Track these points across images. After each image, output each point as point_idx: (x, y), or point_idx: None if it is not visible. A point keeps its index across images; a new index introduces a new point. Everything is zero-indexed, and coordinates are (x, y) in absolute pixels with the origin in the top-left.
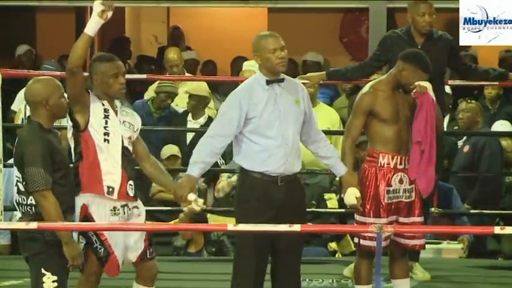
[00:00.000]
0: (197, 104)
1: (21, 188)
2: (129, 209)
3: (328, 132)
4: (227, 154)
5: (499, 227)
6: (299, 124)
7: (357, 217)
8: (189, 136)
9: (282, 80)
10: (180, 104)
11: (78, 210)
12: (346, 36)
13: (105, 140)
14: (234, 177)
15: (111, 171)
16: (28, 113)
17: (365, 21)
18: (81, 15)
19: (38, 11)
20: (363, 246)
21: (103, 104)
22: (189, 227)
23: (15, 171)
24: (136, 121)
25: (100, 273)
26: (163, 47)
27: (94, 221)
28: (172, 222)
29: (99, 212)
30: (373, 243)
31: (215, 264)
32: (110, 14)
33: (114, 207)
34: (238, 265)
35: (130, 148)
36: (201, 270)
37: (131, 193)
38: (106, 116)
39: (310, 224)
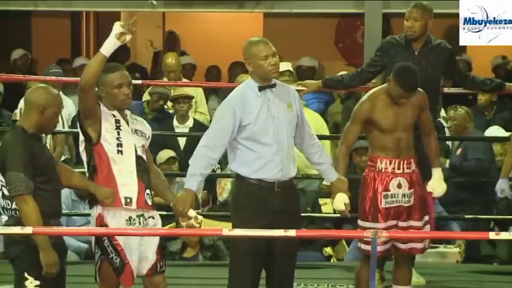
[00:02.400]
0: (183, 105)
1: (6, 193)
2: (145, 219)
3: None
4: (222, 159)
5: (494, 233)
6: (292, 128)
7: (359, 221)
8: (180, 140)
9: (274, 86)
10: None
11: (93, 219)
12: (342, 41)
13: (118, 151)
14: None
15: (127, 182)
16: (65, 122)
17: (360, 27)
18: (76, 20)
19: (33, 15)
20: (363, 250)
21: (114, 115)
22: (184, 232)
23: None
24: (147, 129)
25: (118, 283)
26: (158, 52)
27: None
28: (167, 226)
29: (115, 222)
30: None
31: (210, 269)
32: (128, 37)
33: (130, 217)
34: (233, 270)
35: (145, 157)
36: (197, 275)
37: (149, 202)
38: (118, 127)
39: (305, 229)
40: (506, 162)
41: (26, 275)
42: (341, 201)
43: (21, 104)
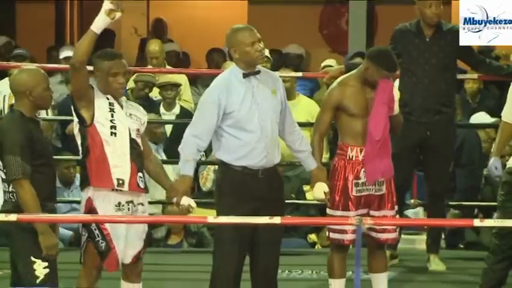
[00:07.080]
0: (170, 92)
1: (3, 176)
2: (134, 206)
3: (307, 124)
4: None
5: (478, 220)
6: (276, 115)
7: (328, 210)
8: (167, 128)
9: (258, 72)
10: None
11: (83, 202)
12: (326, 28)
13: (112, 133)
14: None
15: (120, 163)
16: (5, 103)
17: (345, 13)
18: (61, 6)
19: (17, 1)
20: (332, 239)
21: (107, 98)
22: (168, 220)
23: None
24: (143, 114)
25: (101, 267)
26: (145, 39)
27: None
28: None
29: (103, 206)
30: (341, 236)
31: (195, 256)
32: (118, 14)
33: (119, 203)
34: (217, 257)
35: (139, 140)
36: (181, 262)
37: (142, 185)
38: (111, 110)
39: (289, 216)
40: (499, 140)
41: (32, 258)
42: (320, 190)
43: (5, 90)
